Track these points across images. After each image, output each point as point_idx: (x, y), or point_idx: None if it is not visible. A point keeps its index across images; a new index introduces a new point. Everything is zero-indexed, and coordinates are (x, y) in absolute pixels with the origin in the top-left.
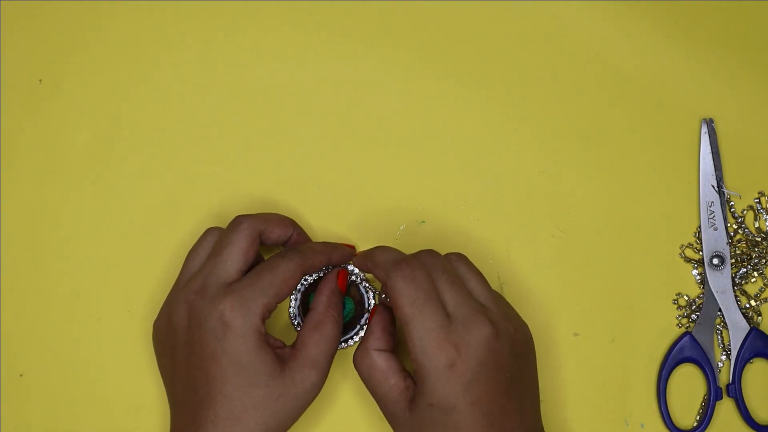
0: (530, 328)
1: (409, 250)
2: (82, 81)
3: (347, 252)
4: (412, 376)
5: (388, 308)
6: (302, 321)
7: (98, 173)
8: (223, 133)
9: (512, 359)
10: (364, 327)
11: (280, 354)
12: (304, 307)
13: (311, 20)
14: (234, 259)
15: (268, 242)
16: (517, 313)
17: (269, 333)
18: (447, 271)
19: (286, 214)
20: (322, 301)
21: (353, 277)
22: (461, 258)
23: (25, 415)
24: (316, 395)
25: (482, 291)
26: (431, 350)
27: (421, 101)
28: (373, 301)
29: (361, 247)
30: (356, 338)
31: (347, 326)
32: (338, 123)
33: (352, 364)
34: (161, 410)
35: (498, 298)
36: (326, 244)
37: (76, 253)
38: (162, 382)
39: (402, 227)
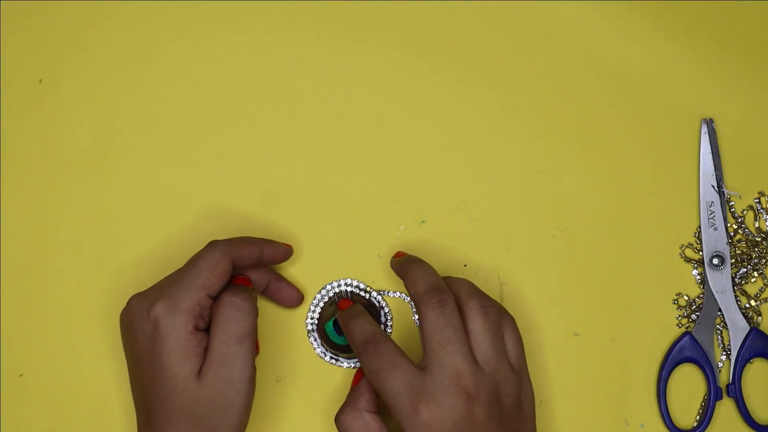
0: (530, 328)
1: (409, 250)
2: (82, 81)
3: (282, 249)
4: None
5: None
6: (317, 336)
7: (98, 173)
8: (223, 133)
9: (491, 426)
10: (385, 324)
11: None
12: (321, 333)
13: (311, 20)
14: (199, 273)
15: (242, 263)
16: (526, 371)
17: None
18: (446, 327)
19: (286, 214)
20: (226, 289)
21: (367, 296)
22: (482, 308)
23: (25, 415)
24: (241, 389)
25: (487, 349)
26: (405, 410)
27: (421, 101)
28: (385, 303)
29: (359, 250)
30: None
31: None
32: (338, 123)
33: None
34: None
35: (505, 358)
36: (257, 238)
37: (76, 253)
38: None
39: (402, 227)
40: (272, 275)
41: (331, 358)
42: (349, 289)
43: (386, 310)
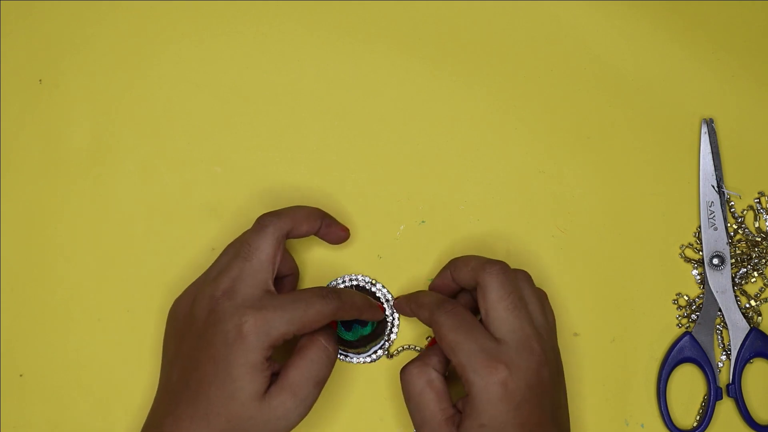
0: None
1: (409, 250)
2: (82, 81)
3: (379, 313)
4: (458, 406)
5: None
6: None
7: (98, 173)
8: (223, 133)
9: (554, 388)
10: (390, 339)
11: (272, 381)
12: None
13: (312, 20)
14: (263, 267)
15: (297, 236)
16: (557, 345)
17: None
18: (511, 294)
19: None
20: (322, 331)
21: (372, 289)
22: (525, 277)
23: (25, 415)
24: (294, 421)
25: (539, 316)
26: (482, 368)
27: (421, 101)
28: (391, 296)
29: (359, 249)
30: (380, 352)
31: (368, 338)
32: (338, 123)
33: (399, 377)
34: None
35: (552, 327)
36: (365, 300)
37: (76, 253)
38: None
39: (402, 227)
40: (324, 219)
41: (340, 354)
42: (354, 283)
43: (392, 303)
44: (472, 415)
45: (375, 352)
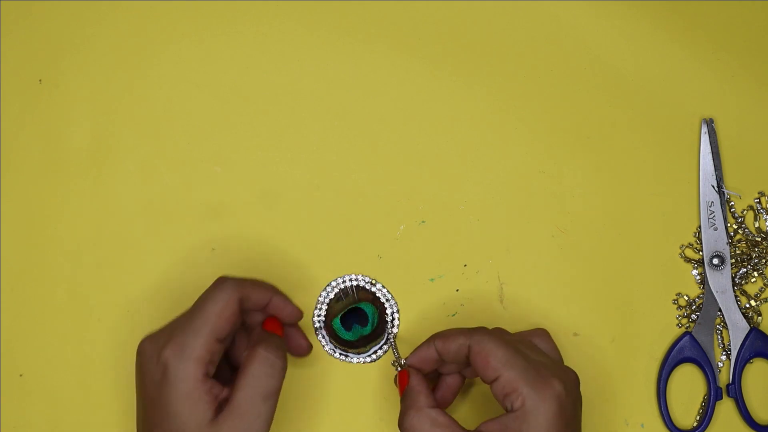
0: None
1: (409, 250)
2: (82, 81)
3: (290, 309)
4: (489, 427)
5: (417, 370)
6: (326, 334)
7: (98, 173)
8: (223, 133)
9: (579, 411)
10: (389, 341)
11: (220, 402)
12: (329, 330)
13: (312, 20)
14: (208, 317)
15: (249, 306)
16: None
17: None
18: (509, 342)
19: (286, 214)
20: (253, 338)
21: (372, 289)
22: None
23: (25, 415)
24: None
25: (554, 354)
26: (538, 383)
27: (421, 101)
28: (391, 295)
29: (359, 250)
30: (380, 352)
31: (368, 338)
32: (338, 123)
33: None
34: None
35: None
36: (272, 286)
37: (76, 252)
38: None
39: (402, 227)
40: (275, 294)
41: (340, 354)
42: (354, 284)
43: (392, 302)
44: (521, 429)
45: (375, 352)
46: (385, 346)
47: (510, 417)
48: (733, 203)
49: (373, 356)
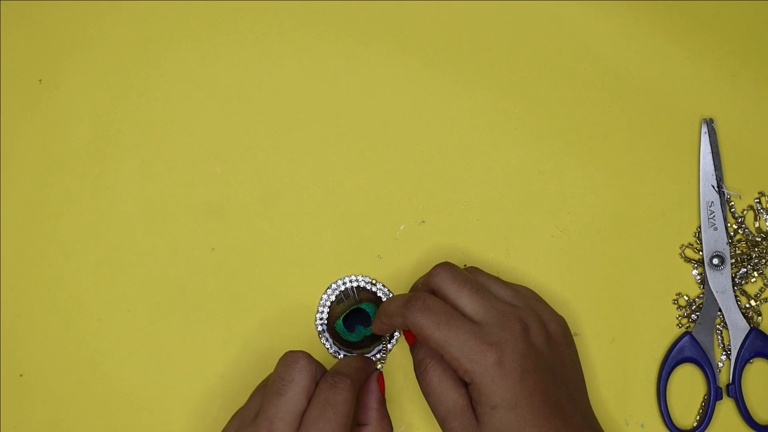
0: None
1: (409, 250)
2: (82, 81)
3: (376, 372)
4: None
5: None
6: (329, 336)
7: (98, 173)
8: (223, 133)
9: (550, 349)
10: (392, 339)
11: None
12: (332, 332)
13: (311, 20)
14: (298, 399)
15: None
16: (549, 307)
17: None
18: (468, 280)
19: (286, 214)
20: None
21: (373, 289)
22: (476, 269)
23: (25, 415)
24: None
25: (506, 293)
26: (475, 355)
27: (421, 101)
28: (392, 295)
29: (359, 250)
30: (383, 352)
31: (371, 339)
32: (338, 123)
33: (414, 374)
34: (161, 410)
35: (525, 296)
36: (368, 361)
37: (76, 253)
38: (159, 384)
39: (402, 227)
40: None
41: (345, 355)
42: (354, 285)
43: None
44: (481, 400)
45: (379, 351)
46: (389, 345)
47: (471, 389)
48: (733, 203)
49: (378, 355)
